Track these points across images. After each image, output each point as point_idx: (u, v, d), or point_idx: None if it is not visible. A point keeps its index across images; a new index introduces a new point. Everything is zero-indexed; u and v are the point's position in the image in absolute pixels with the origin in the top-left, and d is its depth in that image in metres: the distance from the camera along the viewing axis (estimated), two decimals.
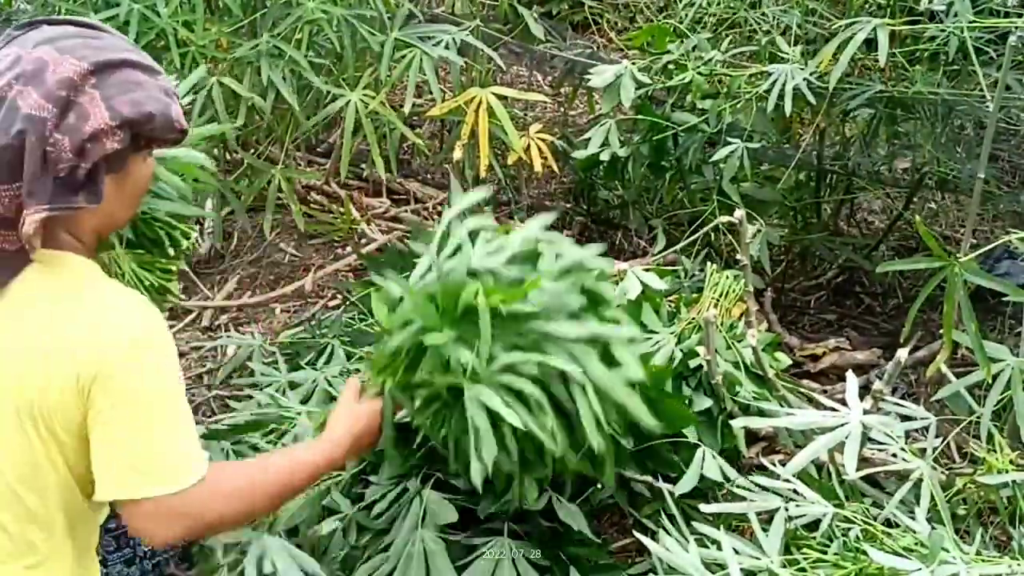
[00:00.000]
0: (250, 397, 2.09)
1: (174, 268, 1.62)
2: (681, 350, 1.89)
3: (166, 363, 1.20)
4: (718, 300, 2.08)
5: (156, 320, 1.22)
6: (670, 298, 2.23)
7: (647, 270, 2.09)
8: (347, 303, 2.51)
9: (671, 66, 2.66)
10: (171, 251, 1.55)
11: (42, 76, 1.12)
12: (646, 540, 1.32)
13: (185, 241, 1.55)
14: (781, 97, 2.24)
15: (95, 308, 1.18)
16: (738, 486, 1.50)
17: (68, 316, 1.17)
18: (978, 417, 1.70)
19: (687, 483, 1.63)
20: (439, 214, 3.13)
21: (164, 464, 1.17)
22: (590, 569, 1.56)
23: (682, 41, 2.70)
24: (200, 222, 1.61)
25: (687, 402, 1.83)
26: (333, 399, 2.04)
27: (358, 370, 2.17)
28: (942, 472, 1.78)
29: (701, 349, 1.81)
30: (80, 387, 1.14)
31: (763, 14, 2.79)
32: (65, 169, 1.13)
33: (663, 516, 1.62)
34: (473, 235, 1.41)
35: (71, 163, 1.13)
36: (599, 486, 1.65)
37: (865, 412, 1.44)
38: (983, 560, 1.28)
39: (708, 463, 1.67)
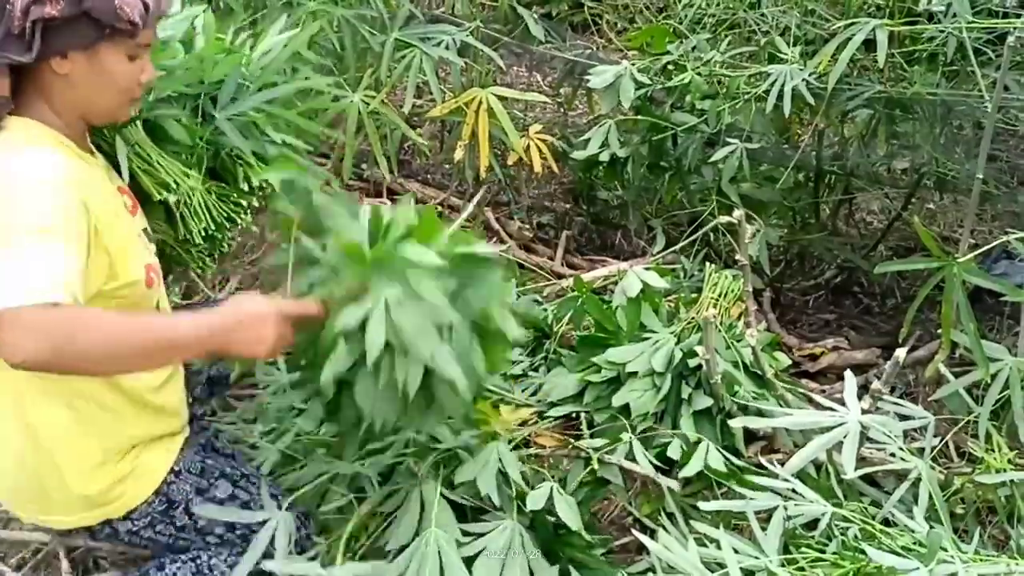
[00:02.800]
0: (251, 397, 2.09)
1: (244, 203, 1.76)
2: (681, 350, 1.90)
3: (37, 192, 1.25)
4: (717, 300, 2.09)
5: (43, 161, 1.30)
6: (669, 298, 2.24)
7: (647, 269, 2.10)
8: None
9: (670, 67, 2.67)
10: (244, 187, 1.71)
11: None
12: (645, 539, 1.33)
13: (256, 180, 1.70)
14: (780, 97, 2.25)
15: None
16: (743, 472, 1.51)
17: None
18: (976, 416, 1.70)
19: (691, 469, 1.65)
20: (439, 214, 3.14)
21: (17, 279, 1.18)
22: (585, 567, 1.56)
23: (681, 42, 2.71)
24: None
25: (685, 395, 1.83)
26: None
27: None
28: (940, 471, 1.78)
29: (700, 349, 1.81)
30: None
31: (762, 15, 2.80)
32: (16, 27, 1.31)
33: (662, 515, 1.63)
34: None
35: (20, 21, 1.30)
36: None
37: (863, 412, 1.44)
38: (981, 559, 1.28)
39: (712, 454, 1.68)
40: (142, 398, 1.51)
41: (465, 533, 1.51)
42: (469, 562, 1.48)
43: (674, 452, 1.74)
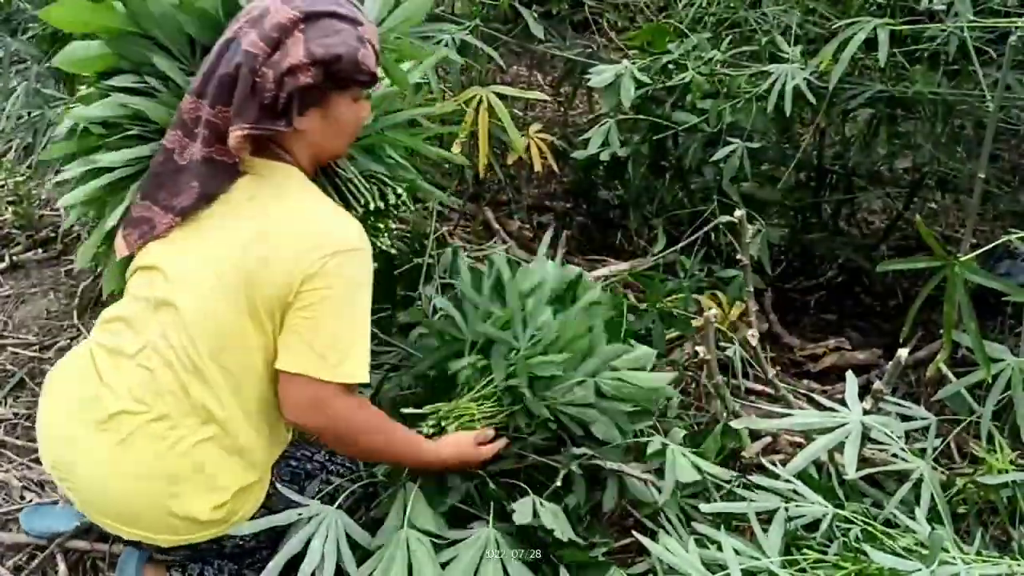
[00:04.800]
0: None
1: (382, 225, 1.76)
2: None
3: (366, 274, 1.42)
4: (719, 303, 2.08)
5: (361, 233, 1.44)
6: (670, 297, 2.23)
7: (645, 271, 2.09)
8: None
9: (671, 66, 2.66)
10: (380, 204, 1.69)
11: (263, 21, 1.37)
12: (646, 540, 1.32)
13: (393, 197, 1.70)
14: (781, 97, 2.24)
15: (308, 214, 1.42)
16: (739, 485, 1.51)
17: (282, 217, 1.40)
18: (978, 417, 1.70)
19: (667, 486, 1.62)
20: (439, 213, 3.13)
21: (340, 358, 1.39)
22: (577, 567, 1.55)
23: (682, 41, 2.70)
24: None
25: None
26: None
27: None
28: (942, 472, 1.78)
29: (701, 349, 1.81)
30: (291, 281, 1.36)
31: (763, 14, 2.79)
32: (268, 97, 1.37)
33: (663, 516, 1.62)
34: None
35: (272, 92, 1.37)
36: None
37: (865, 412, 1.44)
38: (983, 560, 1.27)
39: (680, 462, 1.63)
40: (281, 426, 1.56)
41: (441, 538, 1.50)
42: (444, 567, 1.46)
43: (653, 447, 1.71)
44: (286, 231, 1.39)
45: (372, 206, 1.65)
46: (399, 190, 1.72)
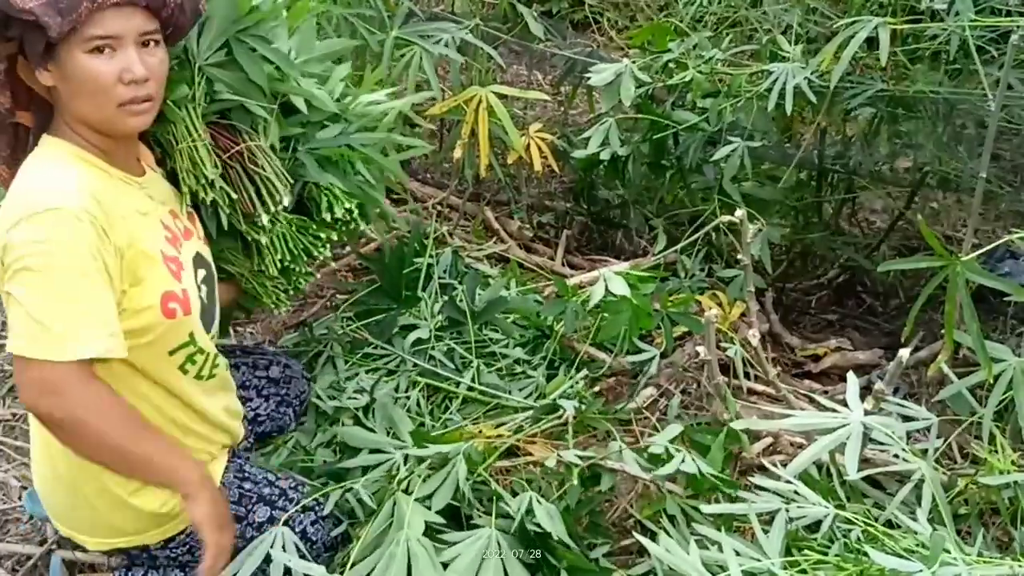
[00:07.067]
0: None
1: (324, 236, 1.74)
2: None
3: (60, 235, 1.24)
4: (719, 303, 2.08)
5: (61, 194, 1.28)
6: (671, 297, 2.23)
7: (646, 270, 2.08)
8: (345, 304, 2.50)
9: (671, 65, 2.65)
10: (327, 216, 1.68)
11: None
12: (646, 541, 1.32)
13: (340, 210, 1.68)
14: (782, 96, 2.23)
15: (15, 186, 1.33)
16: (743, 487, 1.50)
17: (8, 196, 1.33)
18: (980, 417, 1.69)
19: (668, 469, 1.61)
20: (438, 214, 3.13)
21: (46, 331, 1.23)
22: (578, 571, 1.54)
23: (683, 40, 2.69)
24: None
25: None
26: (320, 411, 2.03)
27: (357, 374, 2.16)
28: (943, 473, 1.77)
29: (702, 349, 1.80)
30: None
31: (764, 13, 2.79)
32: None
33: (664, 517, 1.61)
34: None
35: None
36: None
37: (866, 413, 1.43)
38: (985, 561, 1.27)
39: (687, 463, 1.63)
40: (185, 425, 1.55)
41: (441, 541, 1.50)
42: (444, 568, 1.46)
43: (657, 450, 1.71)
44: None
45: (281, 206, 1.61)
46: (348, 205, 1.68)
